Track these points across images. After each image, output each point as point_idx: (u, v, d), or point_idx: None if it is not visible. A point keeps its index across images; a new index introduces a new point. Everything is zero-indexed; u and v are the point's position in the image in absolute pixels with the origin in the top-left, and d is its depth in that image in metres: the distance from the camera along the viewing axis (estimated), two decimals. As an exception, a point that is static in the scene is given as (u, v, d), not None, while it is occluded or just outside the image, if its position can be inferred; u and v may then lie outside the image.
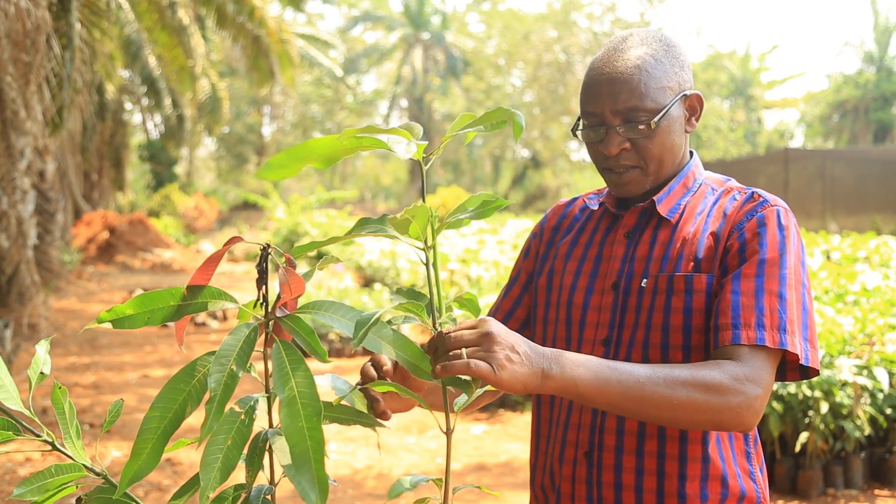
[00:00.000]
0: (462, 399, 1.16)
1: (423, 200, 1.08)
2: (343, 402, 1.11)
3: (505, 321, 1.58)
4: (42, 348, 1.06)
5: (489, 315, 1.52)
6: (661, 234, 1.42)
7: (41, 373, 1.05)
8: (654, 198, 1.42)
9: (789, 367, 1.35)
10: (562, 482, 1.43)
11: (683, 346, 1.35)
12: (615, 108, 1.36)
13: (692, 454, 1.35)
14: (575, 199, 1.62)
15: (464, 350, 1.09)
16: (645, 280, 1.39)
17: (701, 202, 1.43)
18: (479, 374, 1.08)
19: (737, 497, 1.36)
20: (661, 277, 1.38)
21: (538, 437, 1.52)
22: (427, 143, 1.07)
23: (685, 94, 1.40)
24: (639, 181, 1.41)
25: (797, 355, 1.29)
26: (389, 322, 1.09)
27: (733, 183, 1.47)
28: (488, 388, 1.17)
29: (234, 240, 1.01)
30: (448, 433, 1.12)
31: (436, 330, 1.11)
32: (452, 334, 1.10)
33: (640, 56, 1.37)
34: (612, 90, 1.36)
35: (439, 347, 1.10)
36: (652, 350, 1.36)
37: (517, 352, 1.12)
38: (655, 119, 1.36)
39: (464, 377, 1.12)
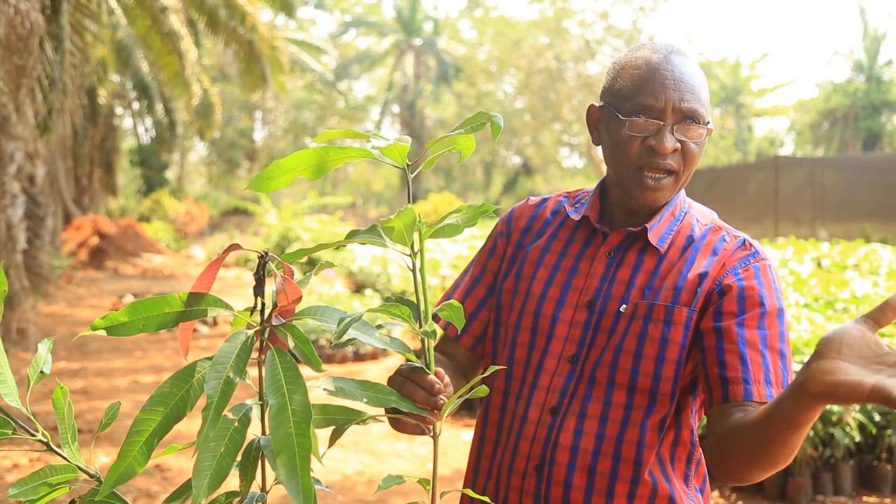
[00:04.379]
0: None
1: (409, 201, 1.08)
2: (342, 405, 1.10)
3: (468, 323, 1.53)
4: (44, 347, 1.06)
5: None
6: (647, 261, 1.39)
7: (41, 371, 1.05)
8: (647, 225, 1.39)
9: None
10: (509, 493, 1.41)
11: (654, 375, 1.34)
12: (678, 107, 1.33)
13: (644, 477, 1.35)
14: (545, 200, 1.57)
15: None
16: (624, 305, 1.37)
17: (688, 234, 1.41)
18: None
19: None
20: (641, 304, 1.36)
21: (483, 441, 1.49)
22: (409, 146, 1.06)
23: (711, 126, 1.41)
24: (670, 190, 1.38)
25: None
26: (380, 327, 1.08)
27: (719, 220, 1.46)
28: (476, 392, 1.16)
29: (232, 247, 1.01)
30: (435, 437, 1.11)
31: (422, 334, 1.08)
32: None
33: (698, 69, 1.38)
34: (678, 89, 1.33)
35: None
36: (620, 374, 1.35)
37: None
38: (710, 125, 1.36)
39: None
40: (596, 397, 1.36)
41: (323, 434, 1.12)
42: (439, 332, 1.13)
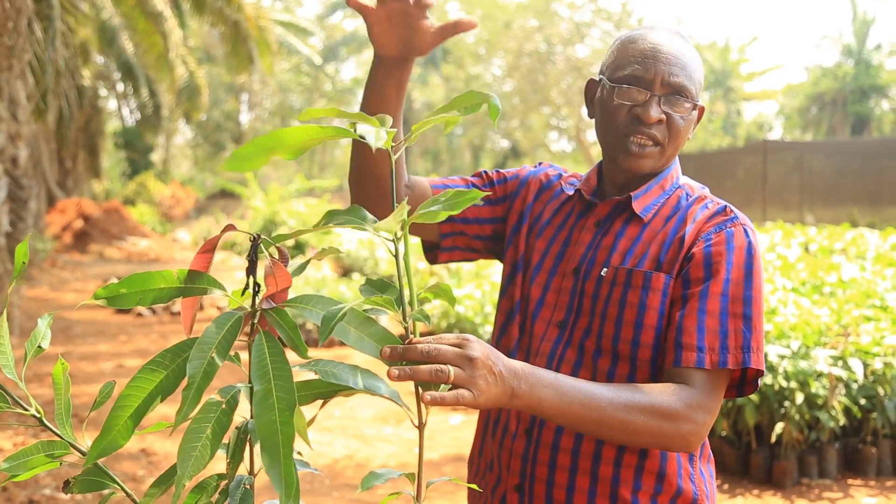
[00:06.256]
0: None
1: (393, 193, 1.06)
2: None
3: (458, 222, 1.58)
4: (44, 322, 1.05)
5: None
6: (631, 229, 1.44)
7: (39, 346, 1.03)
8: (632, 194, 1.44)
9: (748, 382, 1.39)
10: (501, 452, 1.46)
11: (633, 342, 1.37)
12: (667, 81, 1.39)
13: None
14: (560, 175, 1.63)
15: (451, 369, 1.06)
16: (605, 269, 1.41)
17: (675, 205, 1.46)
18: (462, 404, 1.08)
19: (671, 494, 1.39)
20: (620, 270, 1.40)
21: (488, 412, 1.54)
22: (395, 131, 1.04)
23: (701, 104, 1.46)
24: (655, 160, 1.42)
25: (761, 371, 1.35)
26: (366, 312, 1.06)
27: (707, 192, 1.50)
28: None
29: (228, 227, 1.00)
30: (420, 427, 1.08)
31: (406, 323, 1.07)
32: (434, 348, 1.07)
33: (693, 51, 1.45)
34: (669, 63, 1.39)
35: (414, 356, 1.07)
36: (604, 340, 1.39)
37: (493, 373, 1.11)
38: (698, 102, 1.42)
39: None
40: (585, 364, 1.40)
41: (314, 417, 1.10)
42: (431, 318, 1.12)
